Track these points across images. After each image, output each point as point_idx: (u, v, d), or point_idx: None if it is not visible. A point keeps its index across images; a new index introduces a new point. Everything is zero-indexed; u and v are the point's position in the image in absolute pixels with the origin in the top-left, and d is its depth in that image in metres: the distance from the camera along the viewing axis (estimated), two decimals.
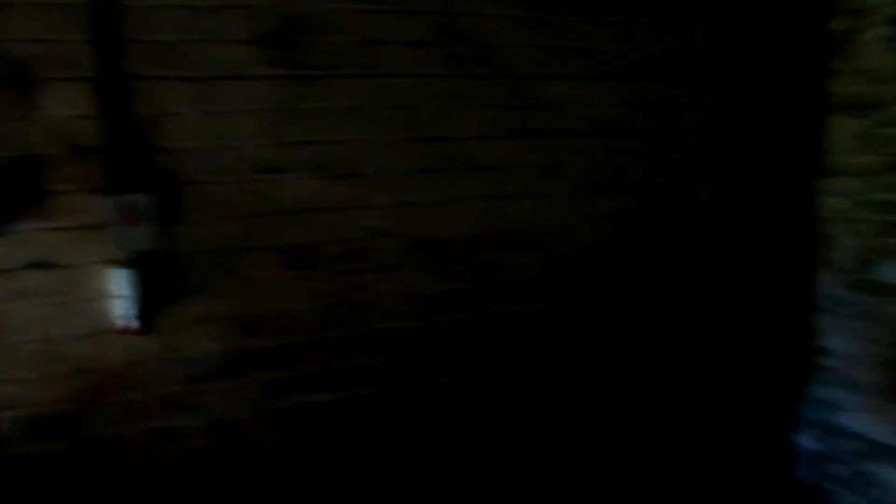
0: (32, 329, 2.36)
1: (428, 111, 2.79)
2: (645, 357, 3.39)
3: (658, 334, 3.41)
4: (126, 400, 2.49)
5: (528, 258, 3.03)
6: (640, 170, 3.24)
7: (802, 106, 3.57)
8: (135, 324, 2.43)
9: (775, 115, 3.53)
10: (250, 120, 2.56)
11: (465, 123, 2.85)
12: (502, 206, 2.95)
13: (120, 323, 2.43)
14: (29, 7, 2.24)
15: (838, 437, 3.57)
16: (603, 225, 3.18)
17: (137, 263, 2.40)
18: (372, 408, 2.82)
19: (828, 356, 3.60)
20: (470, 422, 3.01)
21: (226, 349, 2.59)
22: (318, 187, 2.65)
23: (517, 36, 2.91)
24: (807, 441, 3.73)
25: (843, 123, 3.48)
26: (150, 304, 2.46)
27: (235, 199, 2.55)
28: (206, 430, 2.60)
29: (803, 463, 3.76)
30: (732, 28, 3.38)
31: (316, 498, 2.77)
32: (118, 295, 2.41)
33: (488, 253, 2.95)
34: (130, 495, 2.52)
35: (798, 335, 3.69)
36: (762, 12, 3.45)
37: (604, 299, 3.23)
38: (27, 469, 2.39)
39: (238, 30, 2.51)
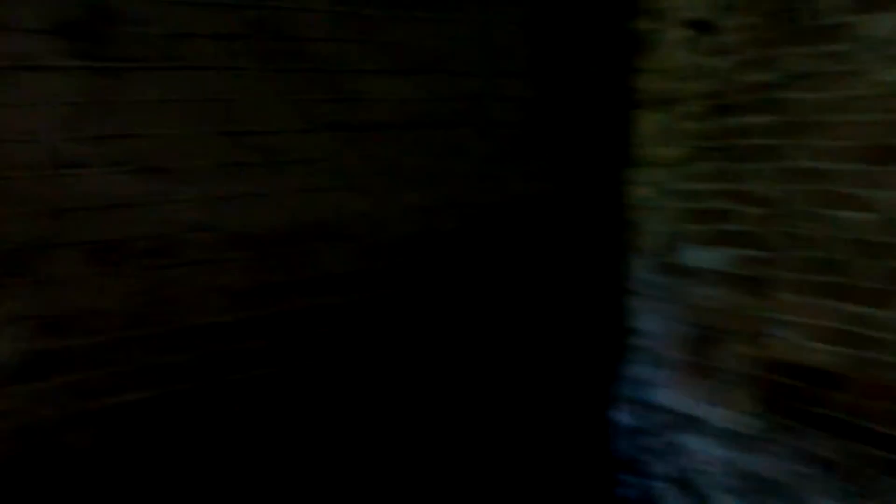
0: None
1: (241, 105, 2.76)
2: (467, 345, 3.49)
3: (479, 322, 3.52)
4: None
5: (345, 251, 3.06)
6: (457, 162, 3.33)
7: (613, 100, 3.78)
8: None
9: (588, 110, 3.72)
10: (52, 113, 2.45)
11: (280, 117, 2.85)
12: (318, 200, 2.97)
13: None
14: None
15: (651, 411, 3.82)
16: (420, 216, 3.25)
17: None
18: (190, 404, 2.77)
19: (640, 336, 3.85)
20: (290, 413, 3.02)
21: (29, 350, 2.48)
22: (125, 182, 2.57)
23: (330, 30, 2.93)
24: (624, 417, 3.97)
25: (648, 117, 3.73)
26: None
27: (37, 194, 2.44)
28: (10, 436, 2.48)
29: (621, 438, 3.99)
30: (546, 25, 3.53)
31: (134, 499, 2.70)
32: None
33: (304, 246, 2.95)
34: None
35: (613, 318, 3.92)
36: (572, 11, 3.62)
37: (422, 289, 3.31)
38: None
39: (36, 19, 2.41)
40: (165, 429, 2.74)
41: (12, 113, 2.39)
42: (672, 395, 3.72)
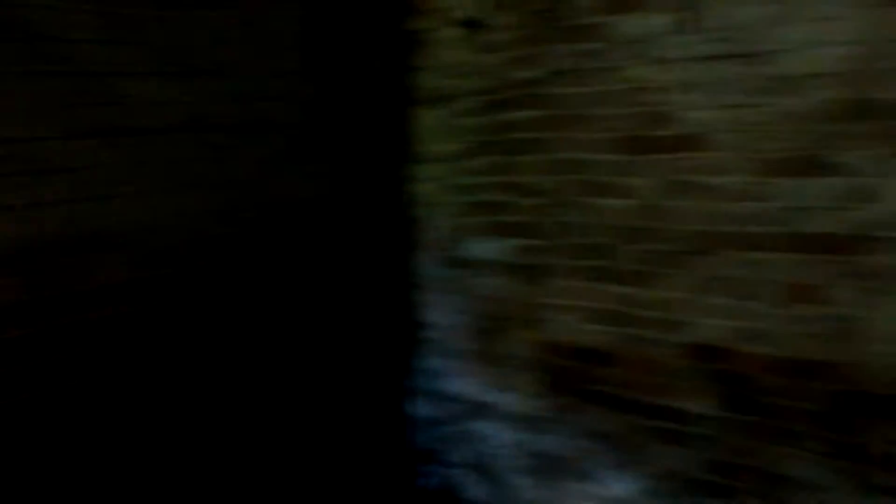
0: None
1: None
2: (256, 349, 3.42)
3: (267, 326, 3.45)
4: None
5: (118, 261, 2.89)
6: (236, 166, 3.24)
7: (392, 98, 3.82)
8: None
9: (368, 108, 3.74)
10: None
11: (40, 124, 2.64)
12: (86, 209, 2.78)
13: None
14: None
15: (446, 401, 3.91)
16: (197, 222, 3.14)
17: None
18: None
19: (431, 329, 3.92)
20: (69, 434, 2.83)
21: None
22: None
23: (93, 31, 2.75)
24: (421, 409, 4.04)
25: (427, 115, 3.80)
26: None
27: None
28: None
29: (420, 429, 4.06)
30: (322, 24, 3.51)
31: None
32: None
33: (73, 258, 2.76)
34: None
35: (404, 313, 3.97)
36: (348, 11, 3.62)
37: (203, 295, 3.20)
38: None
39: None
40: None
41: None
42: (464, 383, 3.82)
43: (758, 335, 2.92)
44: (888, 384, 2.69)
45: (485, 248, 3.63)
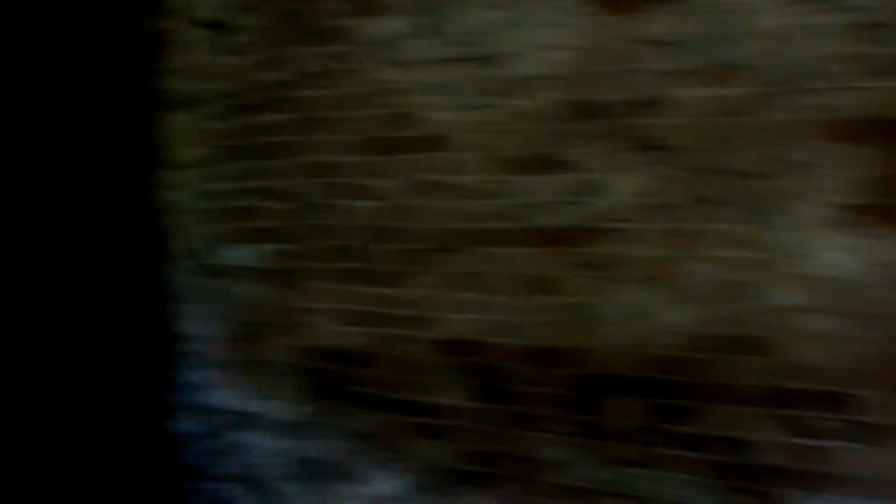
0: None
1: None
2: None
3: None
4: None
5: None
6: None
7: (137, 102, 3.64)
8: None
9: (112, 112, 3.54)
10: None
11: None
12: None
13: None
14: None
15: (210, 414, 3.78)
16: None
17: None
18: None
19: (190, 341, 3.77)
20: None
21: None
22: None
23: None
24: (186, 424, 3.88)
25: (176, 119, 3.65)
26: None
27: None
28: None
29: (186, 446, 3.90)
30: (51, 24, 3.27)
31: None
32: None
33: None
34: None
35: (159, 325, 3.79)
36: (82, 8, 3.40)
37: None
38: None
39: None
40: None
41: None
42: (227, 395, 3.71)
43: (504, 327, 3.05)
44: (620, 365, 2.89)
45: (240, 255, 3.54)
